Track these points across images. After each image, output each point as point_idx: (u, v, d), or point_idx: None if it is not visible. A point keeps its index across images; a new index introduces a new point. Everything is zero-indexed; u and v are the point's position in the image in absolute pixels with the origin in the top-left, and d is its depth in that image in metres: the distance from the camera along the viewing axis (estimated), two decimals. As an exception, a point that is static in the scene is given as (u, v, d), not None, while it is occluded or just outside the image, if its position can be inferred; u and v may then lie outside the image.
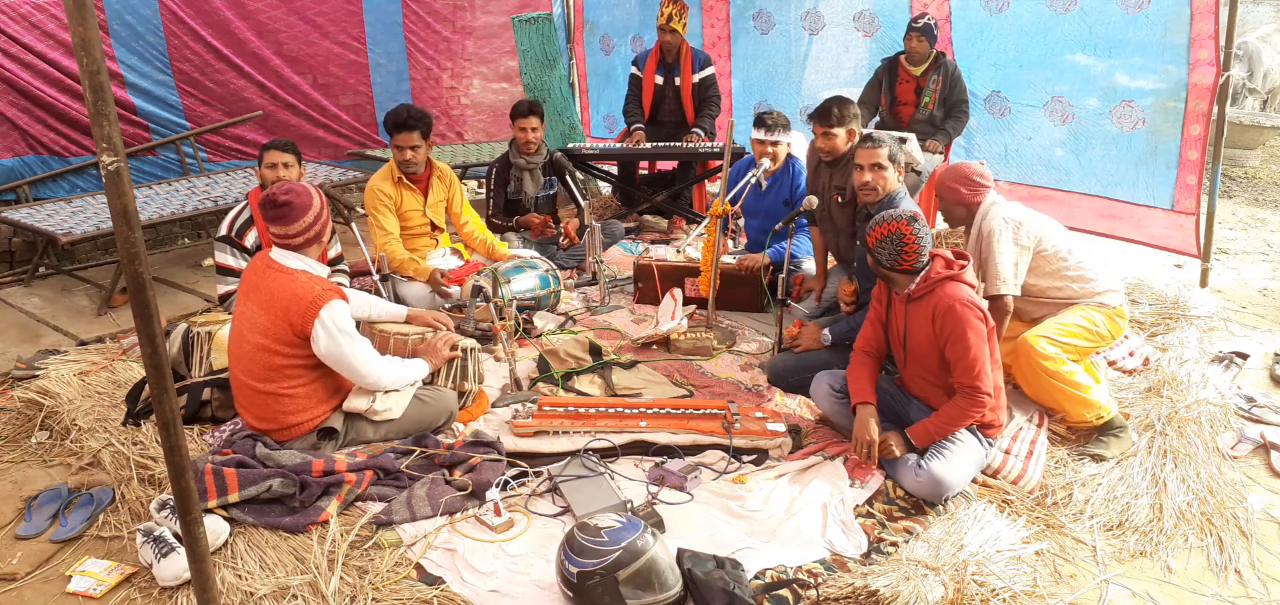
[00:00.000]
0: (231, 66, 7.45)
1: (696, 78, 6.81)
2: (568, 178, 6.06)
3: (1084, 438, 3.73)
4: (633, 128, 6.88)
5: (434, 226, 5.25)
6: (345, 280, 4.63)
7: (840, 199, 4.50)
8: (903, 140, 5.65)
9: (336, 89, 8.06)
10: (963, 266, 3.32)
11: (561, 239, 5.94)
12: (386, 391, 3.56)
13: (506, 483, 3.31)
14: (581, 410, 3.78)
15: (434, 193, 5.19)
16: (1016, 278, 3.79)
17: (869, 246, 3.36)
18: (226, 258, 4.34)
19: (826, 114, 4.51)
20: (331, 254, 4.57)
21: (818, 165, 4.76)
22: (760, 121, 5.09)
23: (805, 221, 4.92)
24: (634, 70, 7.02)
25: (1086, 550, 3.02)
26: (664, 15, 6.61)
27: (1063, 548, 3.03)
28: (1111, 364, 4.42)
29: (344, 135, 8.13)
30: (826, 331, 4.23)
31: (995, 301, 3.74)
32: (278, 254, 3.39)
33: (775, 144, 5.05)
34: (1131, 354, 4.51)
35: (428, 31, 8.26)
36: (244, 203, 4.41)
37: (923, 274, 3.33)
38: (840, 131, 4.49)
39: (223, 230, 4.34)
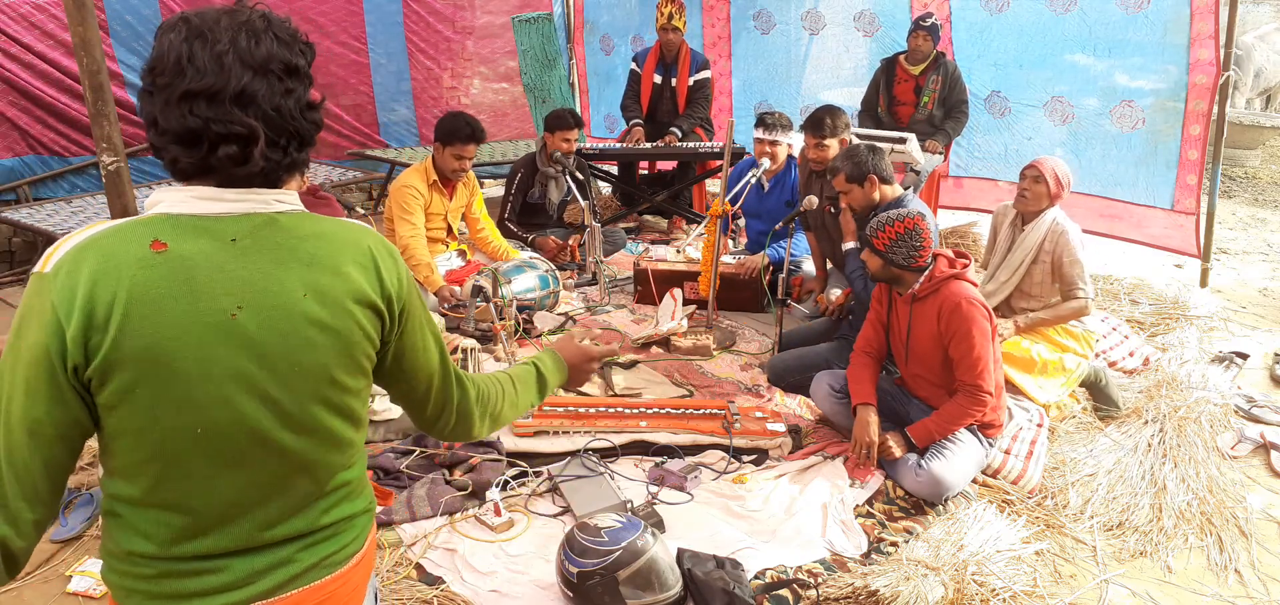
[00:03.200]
0: (232, 66, 7.44)
1: (692, 79, 6.81)
2: (570, 176, 6.05)
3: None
4: (632, 125, 6.88)
5: (449, 231, 5.28)
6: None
7: (833, 209, 4.50)
8: (902, 140, 5.65)
9: (337, 88, 8.06)
10: (965, 266, 3.33)
11: (574, 254, 5.92)
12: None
13: (506, 482, 3.31)
14: (581, 410, 3.78)
15: (458, 198, 5.23)
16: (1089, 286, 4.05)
17: (880, 249, 3.34)
18: None
19: (819, 125, 4.52)
20: None
21: (809, 175, 4.76)
22: (762, 121, 5.09)
23: (800, 225, 4.92)
24: (634, 67, 7.02)
25: (1086, 550, 3.03)
26: (664, 14, 6.61)
27: (1063, 548, 3.03)
28: (1112, 365, 4.42)
29: (344, 135, 8.12)
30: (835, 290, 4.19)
31: (1079, 304, 3.97)
32: None
33: (775, 144, 5.04)
34: (1131, 354, 4.51)
35: (428, 31, 8.26)
36: None
37: (928, 272, 3.33)
38: (832, 142, 4.50)
39: None
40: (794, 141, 5.24)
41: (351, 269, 1.32)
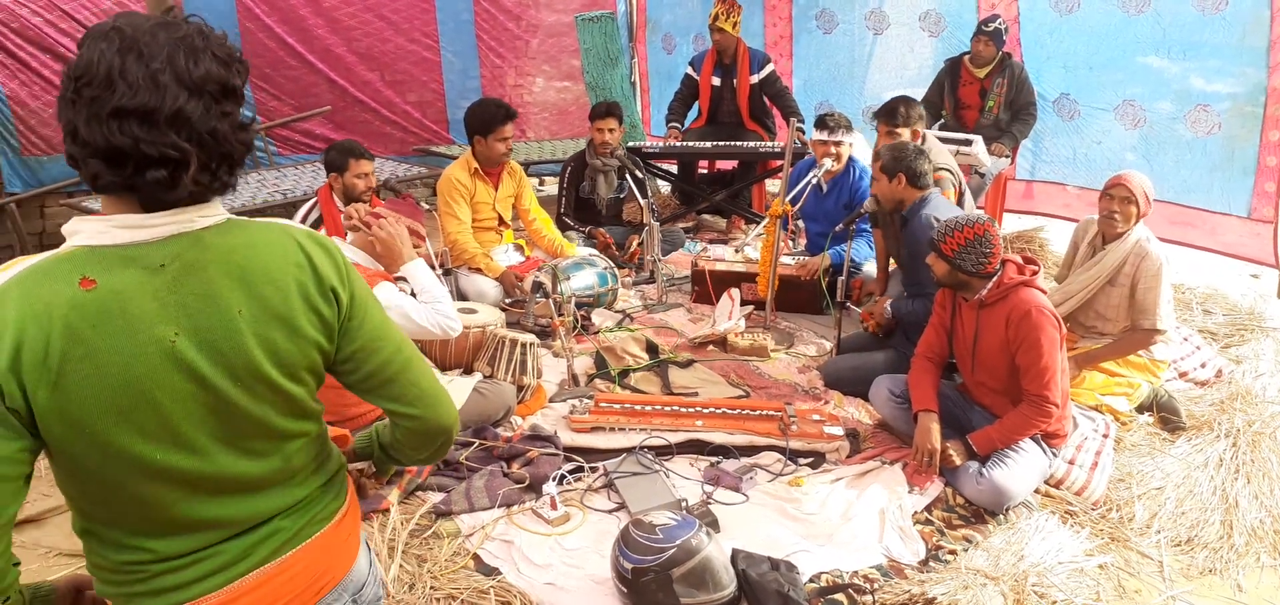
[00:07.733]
0: (303, 62, 7.62)
1: (755, 78, 6.76)
2: (629, 175, 6.08)
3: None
4: (671, 128, 6.90)
5: (501, 220, 5.35)
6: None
7: None
8: (968, 143, 5.57)
9: (406, 85, 8.18)
10: (1034, 272, 3.27)
11: (628, 254, 5.95)
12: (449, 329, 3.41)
13: (563, 477, 3.35)
14: (638, 407, 3.81)
15: (504, 187, 5.31)
16: (1171, 314, 3.88)
17: (948, 255, 3.29)
18: None
19: (892, 113, 4.48)
20: None
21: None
22: (822, 122, 5.04)
23: (867, 225, 4.86)
24: (689, 70, 7.00)
25: (1152, 565, 2.95)
26: (714, 13, 6.59)
27: (1127, 562, 2.96)
28: (1182, 375, 4.30)
29: (410, 132, 8.25)
30: (888, 306, 4.18)
31: (1146, 332, 3.83)
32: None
33: (837, 144, 4.99)
34: (1204, 365, 4.38)
35: (497, 29, 8.33)
36: (314, 201, 4.48)
37: (997, 279, 3.28)
38: (905, 132, 4.46)
39: None
40: (855, 142, 5.19)
41: (285, 272, 1.30)
